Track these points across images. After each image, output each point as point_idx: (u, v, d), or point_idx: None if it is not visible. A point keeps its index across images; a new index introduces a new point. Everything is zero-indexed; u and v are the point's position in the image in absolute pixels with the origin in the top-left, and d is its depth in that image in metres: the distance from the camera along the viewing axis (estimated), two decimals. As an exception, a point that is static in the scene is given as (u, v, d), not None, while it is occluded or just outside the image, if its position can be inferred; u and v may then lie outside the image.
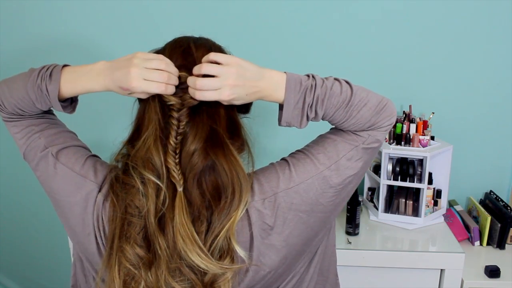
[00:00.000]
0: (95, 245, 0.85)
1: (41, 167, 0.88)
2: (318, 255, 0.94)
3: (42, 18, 1.82)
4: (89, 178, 0.86)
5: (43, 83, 0.84)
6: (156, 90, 0.77)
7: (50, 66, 0.86)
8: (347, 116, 0.85)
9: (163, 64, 0.77)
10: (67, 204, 0.86)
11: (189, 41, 0.87)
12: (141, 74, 0.76)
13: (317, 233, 0.90)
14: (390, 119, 0.89)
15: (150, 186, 0.79)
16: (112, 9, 1.79)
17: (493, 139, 1.88)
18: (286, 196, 0.84)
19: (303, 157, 0.86)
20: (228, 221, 0.79)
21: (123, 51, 1.78)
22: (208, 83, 0.77)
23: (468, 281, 1.58)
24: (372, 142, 0.88)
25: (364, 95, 0.85)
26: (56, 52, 1.83)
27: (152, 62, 0.77)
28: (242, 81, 0.78)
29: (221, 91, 0.77)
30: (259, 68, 0.81)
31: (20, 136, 0.90)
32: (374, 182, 1.86)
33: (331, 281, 1.00)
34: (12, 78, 0.90)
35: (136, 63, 0.77)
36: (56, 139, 0.90)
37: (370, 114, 0.86)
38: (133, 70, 0.76)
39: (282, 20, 1.78)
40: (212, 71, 0.77)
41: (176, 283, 0.80)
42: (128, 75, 0.77)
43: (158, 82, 0.77)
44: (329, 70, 1.85)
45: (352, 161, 0.86)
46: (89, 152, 0.93)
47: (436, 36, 1.77)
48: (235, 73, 0.78)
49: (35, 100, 0.86)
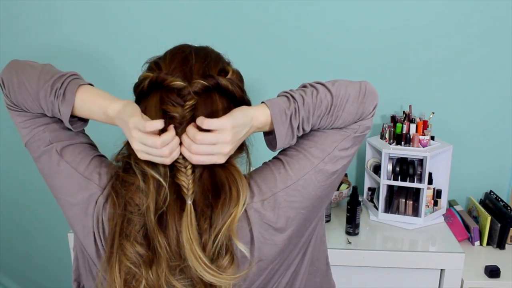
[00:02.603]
0: (93, 247, 0.85)
1: (43, 161, 0.87)
2: (311, 245, 0.94)
3: (43, 24, 1.83)
4: (93, 180, 0.85)
5: (56, 102, 0.83)
6: (160, 163, 0.78)
7: (65, 80, 0.84)
8: (334, 119, 0.86)
9: (158, 142, 0.75)
10: (66, 203, 0.86)
11: (189, 49, 0.87)
12: (142, 149, 0.77)
13: (311, 223, 0.90)
14: (374, 101, 0.90)
15: (151, 183, 0.79)
16: (113, 14, 1.80)
17: (493, 139, 1.88)
18: (286, 195, 0.84)
19: (296, 153, 0.87)
20: (229, 218, 0.79)
21: (124, 56, 1.82)
22: (204, 149, 0.77)
23: (468, 281, 1.59)
24: (363, 131, 0.90)
25: (343, 92, 0.86)
26: (57, 57, 1.84)
27: (148, 140, 0.76)
28: (236, 143, 0.80)
29: (218, 157, 0.78)
30: (245, 114, 0.81)
31: (24, 126, 0.88)
32: (374, 182, 1.87)
33: (322, 271, 1.00)
34: (23, 70, 0.87)
35: (135, 137, 0.76)
36: (62, 134, 0.88)
37: (355, 108, 0.86)
38: (134, 145, 0.77)
39: (283, 20, 1.78)
40: (206, 141, 0.77)
41: (177, 282, 0.80)
42: (132, 146, 0.78)
43: (159, 157, 0.77)
44: (330, 70, 1.87)
45: (344, 151, 0.87)
46: (95, 150, 0.91)
47: (436, 36, 1.77)
48: (230, 140, 0.78)
49: (46, 110, 0.85)
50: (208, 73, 0.83)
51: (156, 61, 0.86)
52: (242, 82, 0.88)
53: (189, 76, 0.82)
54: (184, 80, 0.81)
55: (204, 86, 0.81)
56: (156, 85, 0.82)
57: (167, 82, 0.80)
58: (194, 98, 0.80)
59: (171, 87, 0.80)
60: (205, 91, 0.81)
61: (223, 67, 0.86)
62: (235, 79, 0.85)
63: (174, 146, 0.77)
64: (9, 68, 0.88)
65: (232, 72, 0.86)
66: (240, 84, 0.86)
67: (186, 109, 0.80)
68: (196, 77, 0.82)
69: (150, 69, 0.86)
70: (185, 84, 0.80)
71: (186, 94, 0.80)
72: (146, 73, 0.85)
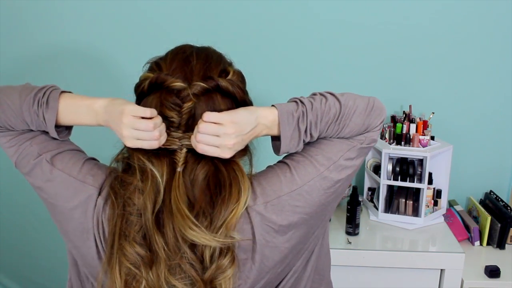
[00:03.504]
0: (94, 249, 0.85)
1: (35, 174, 0.87)
2: (315, 254, 0.94)
3: (43, 24, 1.83)
4: (88, 182, 0.85)
5: (40, 110, 0.83)
6: (149, 147, 0.79)
7: (46, 90, 0.85)
8: (340, 127, 0.87)
9: (151, 125, 0.77)
10: (64, 209, 0.86)
11: (190, 50, 0.87)
12: (132, 135, 0.78)
13: (314, 231, 0.90)
14: (381, 117, 0.91)
15: (149, 182, 0.79)
16: (112, 15, 1.80)
17: (493, 139, 1.88)
18: (290, 199, 0.84)
19: (302, 159, 0.87)
20: (229, 215, 0.79)
21: (125, 56, 1.82)
22: (208, 139, 0.79)
23: (468, 281, 1.59)
24: (369, 143, 0.90)
25: (351, 103, 0.87)
26: (56, 59, 1.83)
27: (141, 124, 0.78)
28: (240, 138, 0.80)
29: (222, 150, 0.79)
30: (251, 113, 0.82)
31: (10, 145, 0.89)
32: (374, 182, 1.87)
33: (327, 280, 1.01)
34: (2, 91, 0.87)
35: (126, 123, 0.78)
36: (49, 144, 0.88)
37: (361, 119, 0.88)
38: (124, 131, 0.79)
39: (284, 20, 1.78)
40: (210, 131, 0.78)
41: (177, 281, 0.80)
42: (121, 135, 0.79)
43: (149, 141, 0.78)
44: (330, 70, 1.87)
45: (350, 161, 0.88)
46: (85, 155, 0.92)
47: (436, 36, 1.77)
48: (233, 133, 0.79)
49: (30, 123, 0.85)
50: (208, 74, 0.83)
51: (157, 61, 0.87)
52: (243, 82, 0.88)
53: (190, 77, 0.82)
54: (185, 81, 0.81)
55: (204, 88, 0.81)
56: (156, 85, 0.82)
57: (167, 83, 0.81)
58: (192, 100, 0.80)
59: (171, 88, 0.81)
60: (205, 93, 0.82)
61: (224, 68, 0.86)
62: (236, 80, 0.85)
63: (163, 130, 0.80)
64: None
65: (233, 73, 0.86)
66: (241, 85, 0.86)
67: (183, 111, 0.80)
68: (196, 79, 0.82)
69: (151, 69, 0.86)
70: (185, 86, 0.81)
71: (185, 95, 0.80)
72: (146, 73, 0.85)
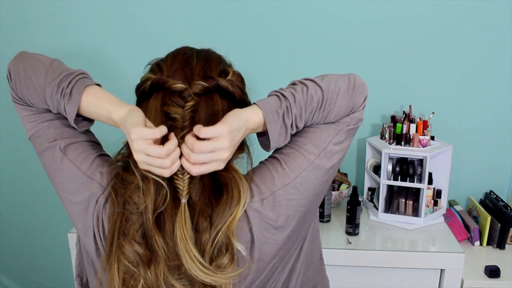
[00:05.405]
0: (93, 246, 0.85)
1: (46, 156, 0.87)
2: (307, 241, 0.95)
3: (44, 25, 1.83)
4: (95, 180, 0.85)
5: (62, 101, 0.82)
6: (159, 174, 0.77)
7: (72, 80, 0.83)
8: (326, 113, 0.86)
9: (163, 152, 0.74)
10: (67, 201, 0.86)
11: (191, 52, 0.87)
12: (143, 160, 0.75)
13: (307, 219, 0.91)
14: (364, 93, 0.90)
15: (150, 183, 0.79)
16: (115, 16, 1.80)
17: (493, 139, 1.88)
18: (285, 193, 0.84)
19: (292, 151, 0.87)
20: (230, 217, 0.79)
21: (126, 57, 1.82)
22: (203, 158, 0.76)
23: (468, 281, 1.59)
24: (355, 123, 0.90)
25: (333, 86, 0.86)
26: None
27: (154, 151, 0.74)
28: (233, 147, 0.79)
29: (217, 164, 0.77)
30: (239, 118, 0.80)
31: (28, 120, 0.88)
32: (374, 182, 1.87)
33: (315, 266, 1.00)
34: (31, 64, 0.86)
35: (137, 148, 0.75)
36: (66, 131, 0.88)
37: (346, 101, 0.87)
38: (136, 156, 0.76)
39: (284, 20, 1.78)
40: (204, 149, 0.76)
41: (176, 281, 0.80)
42: (134, 157, 0.76)
43: (160, 168, 0.76)
44: (330, 70, 1.86)
45: (339, 145, 0.88)
46: (99, 149, 0.91)
47: (436, 36, 1.77)
48: (228, 146, 0.77)
49: (51, 107, 0.85)
50: (208, 75, 0.83)
51: (158, 63, 0.87)
52: (243, 83, 0.89)
53: (190, 78, 0.82)
54: (185, 82, 0.81)
55: (204, 87, 0.81)
56: (158, 86, 0.82)
57: (168, 84, 0.81)
58: (194, 99, 0.80)
59: (172, 89, 0.81)
60: (205, 93, 0.82)
61: (224, 68, 0.86)
62: (236, 80, 0.85)
63: (175, 157, 0.76)
64: (17, 60, 0.88)
65: (233, 73, 0.86)
66: (240, 86, 0.86)
67: (186, 110, 0.80)
68: (196, 79, 0.82)
69: (152, 70, 0.86)
70: (186, 86, 0.81)
71: (187, 95, 0.80)
72: (148, 74, 0.85)
